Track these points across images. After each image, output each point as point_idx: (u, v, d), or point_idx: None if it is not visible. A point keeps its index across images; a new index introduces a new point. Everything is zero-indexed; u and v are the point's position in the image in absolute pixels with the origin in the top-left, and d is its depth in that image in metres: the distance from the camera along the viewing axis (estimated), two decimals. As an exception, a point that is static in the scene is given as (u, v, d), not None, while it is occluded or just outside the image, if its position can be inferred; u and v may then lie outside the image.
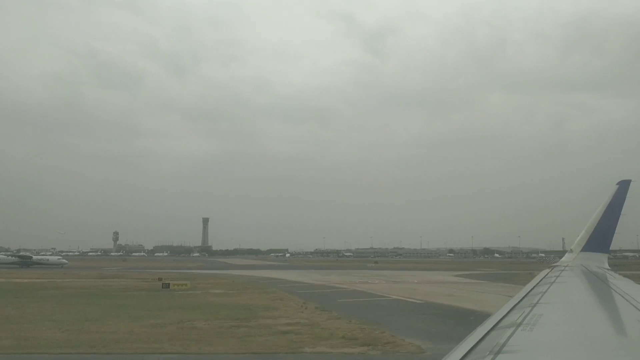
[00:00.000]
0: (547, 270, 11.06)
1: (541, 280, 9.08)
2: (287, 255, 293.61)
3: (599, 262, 12.97)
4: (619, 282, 9.03)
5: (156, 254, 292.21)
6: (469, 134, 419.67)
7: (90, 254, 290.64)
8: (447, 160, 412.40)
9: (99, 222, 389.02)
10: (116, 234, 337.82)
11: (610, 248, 13.78)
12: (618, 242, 13.72)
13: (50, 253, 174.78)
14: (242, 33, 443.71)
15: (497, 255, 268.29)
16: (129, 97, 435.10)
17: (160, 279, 65.81)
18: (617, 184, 14.04)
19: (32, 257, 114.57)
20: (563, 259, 13.66)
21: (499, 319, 4.58)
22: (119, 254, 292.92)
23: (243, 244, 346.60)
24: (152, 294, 45.02)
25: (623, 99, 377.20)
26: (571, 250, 13.93)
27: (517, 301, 5.95)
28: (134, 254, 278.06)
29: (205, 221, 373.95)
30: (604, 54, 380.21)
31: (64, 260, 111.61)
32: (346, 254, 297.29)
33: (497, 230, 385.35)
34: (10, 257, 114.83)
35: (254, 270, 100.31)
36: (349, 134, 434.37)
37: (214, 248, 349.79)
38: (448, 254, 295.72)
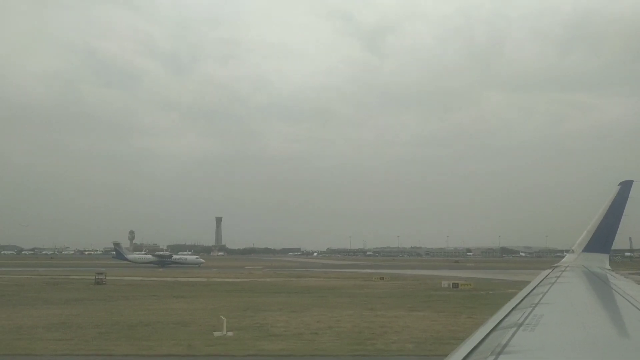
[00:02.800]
0: (549, 271, 11.20)
1: (542, 280, 9.14)
2: (315, 254, 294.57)
3: (601, 262, 13.07)
4: (620, 283, 9.05)
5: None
6: (467, 132, 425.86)
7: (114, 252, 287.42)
8: (447, 160, 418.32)
9: (102, 222, 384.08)
10: (132, 233, 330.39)
11: (621, 247, 15.70)
12: (631, 242, 15.43)
13: (189, 252, 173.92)
14: (240, 32, 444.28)
15: (522, 254, 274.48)
16: (128, 95, 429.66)
17: (382, 278, 68.31)
18: (619, 185, 13.97)
19: (172, 256, 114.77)
20: (564, 259, 13.87)
21: (500, 319, 4.65)
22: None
23: (251, 243, 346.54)
24: (468, 295, 47.16)
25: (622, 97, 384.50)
26: (572, 251, 14.10)
27: (518, 301, 6.00)
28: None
29: (219, 220, 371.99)
30: (603, 53, 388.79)
31: (201, 260, 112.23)
32: (367, 253, 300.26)
33: (504, 229, 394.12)
34: (150, 256, 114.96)
35: (392, 269, 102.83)
36: (347, 133, 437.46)
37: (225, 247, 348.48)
38: (467, 254, 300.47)
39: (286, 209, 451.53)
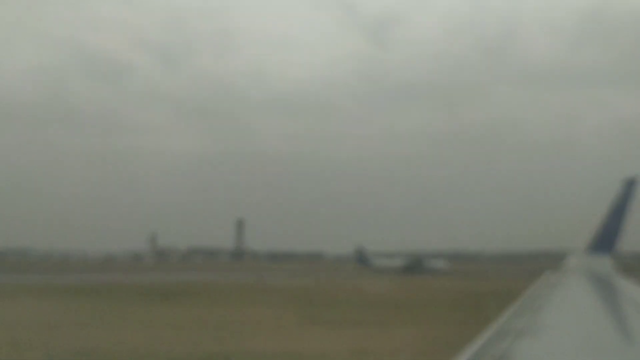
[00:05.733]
0: (551, 273, 11.21)
1: (545, 283, 9.07)
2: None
3: (603, 263, 12.96)
4: (623, 285, 8.90)
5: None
6: (475, 128, 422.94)
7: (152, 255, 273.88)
8: (450, 159, 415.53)
9: (103, 222, 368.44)
10: (154, 234, 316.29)
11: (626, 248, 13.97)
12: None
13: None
14: (237, 23, 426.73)
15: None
16: (117, 90, 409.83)
17: None
18: (623, 182, 13.48)
19: (422, 261, 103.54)
20: (568, 261, 13.79)
21: (502, 324, 4.58)
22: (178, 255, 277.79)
23: (270, 246, 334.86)
24: None
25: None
26: (576, 252, 13.97)
27: (520, 305, 5.92)
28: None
29: (239, 222, 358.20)
30: (616, 46, 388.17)
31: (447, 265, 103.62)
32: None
33: (528, 231, 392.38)
34: (399, 261, 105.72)
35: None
36: (352, 130, 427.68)
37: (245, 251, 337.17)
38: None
39: (297, 210, 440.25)
